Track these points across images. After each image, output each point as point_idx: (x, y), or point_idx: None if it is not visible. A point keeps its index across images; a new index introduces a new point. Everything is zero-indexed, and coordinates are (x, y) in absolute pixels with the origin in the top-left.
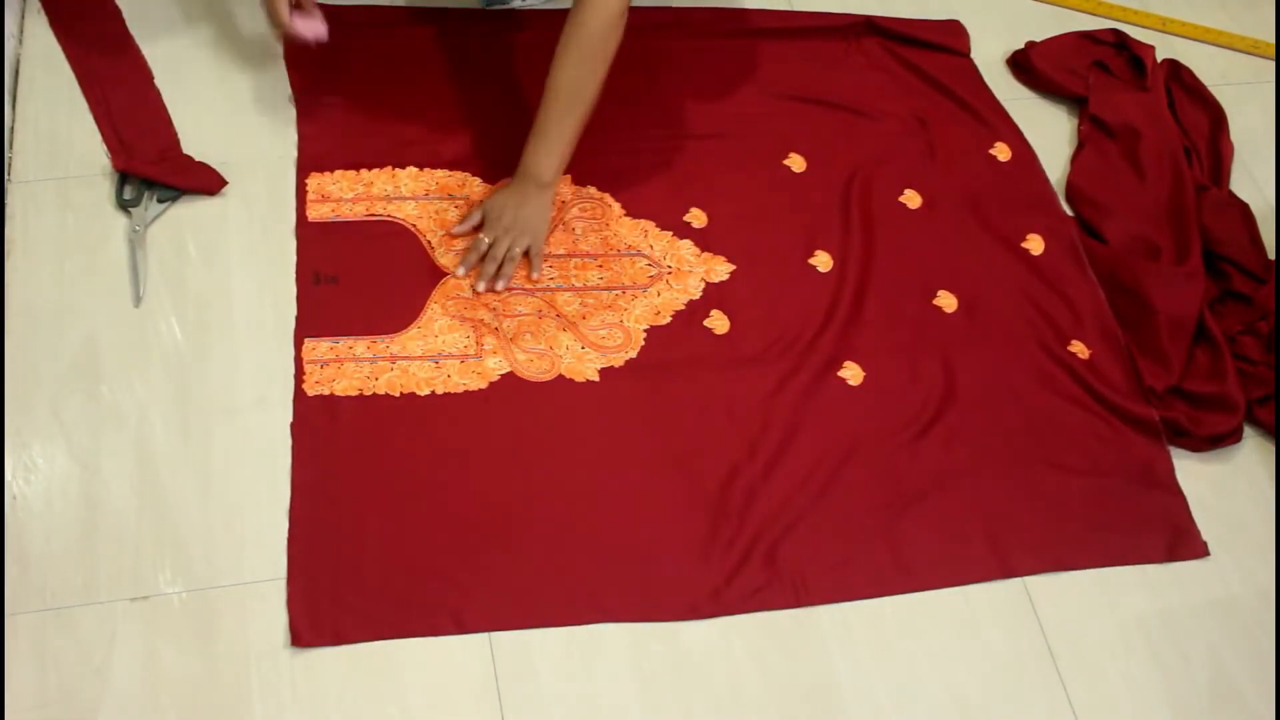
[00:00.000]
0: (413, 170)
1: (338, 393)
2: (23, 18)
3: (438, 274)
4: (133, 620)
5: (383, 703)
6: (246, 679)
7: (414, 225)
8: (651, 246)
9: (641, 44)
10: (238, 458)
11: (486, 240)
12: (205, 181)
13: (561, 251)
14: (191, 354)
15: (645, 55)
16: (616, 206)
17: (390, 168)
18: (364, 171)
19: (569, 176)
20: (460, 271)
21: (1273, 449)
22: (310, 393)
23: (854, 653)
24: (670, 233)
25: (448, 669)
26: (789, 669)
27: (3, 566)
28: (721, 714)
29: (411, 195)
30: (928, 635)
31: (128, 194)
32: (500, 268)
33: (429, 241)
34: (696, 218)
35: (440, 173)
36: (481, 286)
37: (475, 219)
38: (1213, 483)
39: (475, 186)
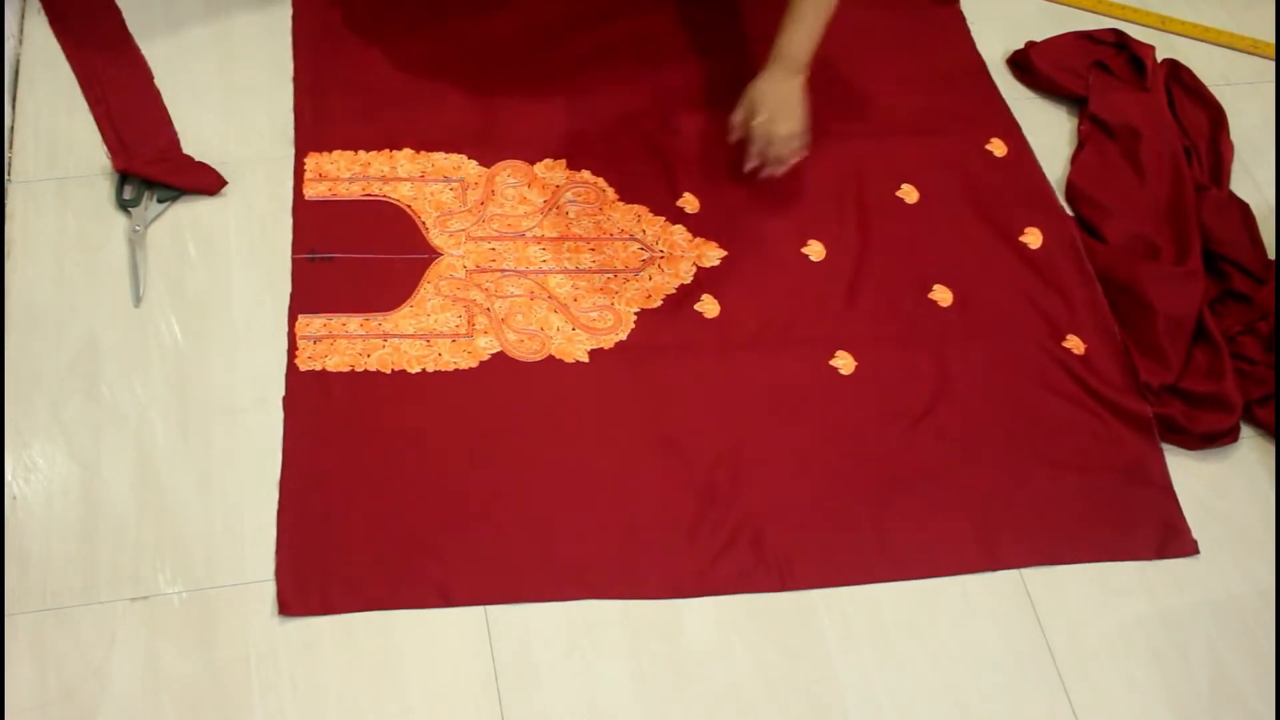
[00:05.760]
0: (409, 152)
1: (329, 368)
2: (23, 18)
3: (431, 254)
4: (133, 620)
5: (383, 703)
6: (246, 679)
7: (409, 206)
8: (644, 231)
9: (638, 29)
10: (237, 458)
11: (761, 118)
12: (205, 181)
13: (555, 234)
14: (191, 354)
15: (641, 41)
16: (610, 191)
17: (388, 150)
18: (361, 153)
19: (563, 161)
20: (747, 167)
21: (1272, 449)
22: (302, 368)
23: (853, 650)
24: (663, 218)
25: (447, 670)
26: (788, 666)
27: (3, 566)
28: (721, 710)
29: (408, 177)
30: (927, 634)
31: (128, 194)
32: (774, 151)
33: (423, 222)
34: (689, 203)
35: (437, 155)
36: (767, 172)
37: (745, 110)
38: (1212, 482)
39: (470, 169)
